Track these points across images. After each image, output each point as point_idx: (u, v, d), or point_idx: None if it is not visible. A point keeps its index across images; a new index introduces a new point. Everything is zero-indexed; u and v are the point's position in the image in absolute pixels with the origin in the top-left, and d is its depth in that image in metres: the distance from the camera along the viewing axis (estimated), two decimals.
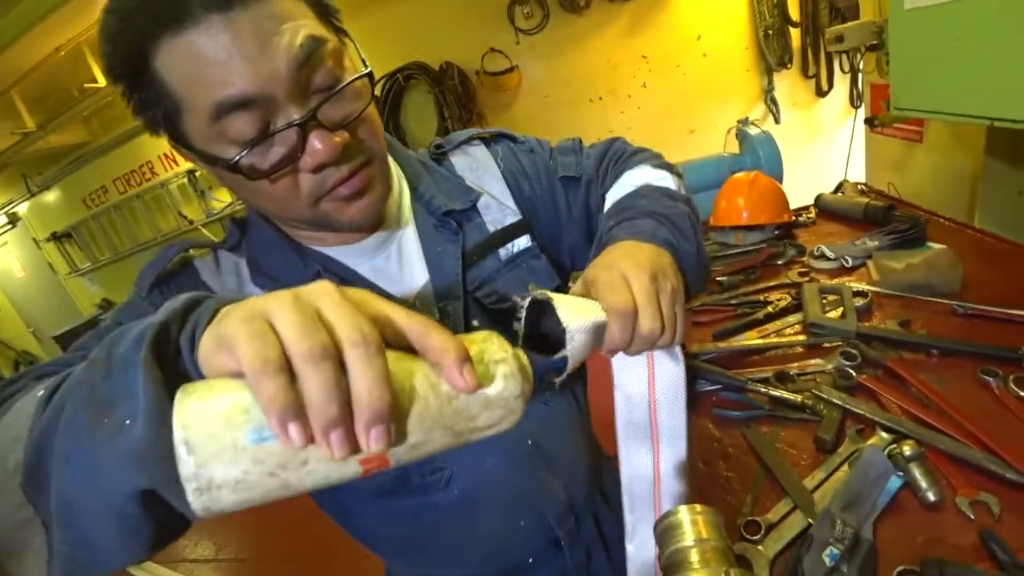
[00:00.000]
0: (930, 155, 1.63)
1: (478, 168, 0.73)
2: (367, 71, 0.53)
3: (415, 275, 0.64)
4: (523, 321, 0.44)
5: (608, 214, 0.65)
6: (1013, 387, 0.83)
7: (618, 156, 0.77)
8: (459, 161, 0.74)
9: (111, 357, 0.33)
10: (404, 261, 0.65)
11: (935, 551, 0.64)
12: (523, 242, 0.71)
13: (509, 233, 0.70)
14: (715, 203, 1.64)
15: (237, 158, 0.47)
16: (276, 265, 0.61)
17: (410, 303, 0.63)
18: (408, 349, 0.33)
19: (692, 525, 0.44)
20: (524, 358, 0.37)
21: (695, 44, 2.80)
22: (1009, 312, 1.00)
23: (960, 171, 1.53)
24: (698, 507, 0.45)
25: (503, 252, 0.69)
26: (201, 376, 0.32)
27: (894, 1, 1.15)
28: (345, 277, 0.61)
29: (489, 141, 0.76)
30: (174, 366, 0.32)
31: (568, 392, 0.76)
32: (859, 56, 2.23)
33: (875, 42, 1.53)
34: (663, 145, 0.80)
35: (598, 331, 0.43)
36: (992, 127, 1.31)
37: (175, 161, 3.77)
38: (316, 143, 0.48)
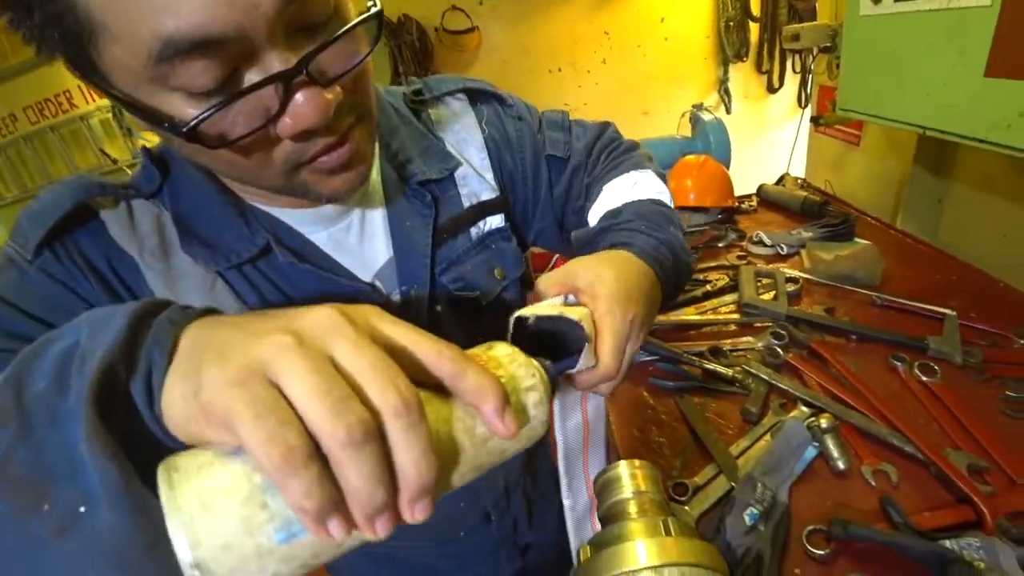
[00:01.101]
0: (865, 158, 1.73)
1: (460, 130, 0.64)
2: (376, 9, 0.40)
3: (376, 250, 0.56)
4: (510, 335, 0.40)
5: (610, 213, 0.62)
6: (917, 372, 0.91)
7: (611, 147, 0.72)
8: (440, 117, 0.64)
9: (23, 404, 0.24)
10: (366, 233, 0.56)
11: (841, 513, 0.70)
12: (496, 221, 0.64)
13: (484, 210, 0.63)
14: None
15: (194, 122, 0.34)
16: (213, 228, 0.49)
17: (368, 285, 0.55)
18: (430, 383, 0.28)
19: (631, 479, 0.45)
20: (545, 374, 0.35)
21: (658, 26, 2.82)
22: (919, 306, 1.09)
23: (890, 175, 1.64)
24: (636, 462, 0.47)
25: (474, 231, 0.62)
26: (166, 436, 0.25)
27: (851, 5, 1.19)
28: (298, 249, 0.52)
29: (476, 98, 0.67)
30: (122, 423, 0.24)
31: None
32: (811, 58, 2.33)
33: (828, 44, 1.59)
34: (617, 123, 0.77)
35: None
36: (922, 137, 1.41)
37: (97, 92, 3.43)
38: (302, 103, 0.37)
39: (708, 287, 1.27)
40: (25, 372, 0.25)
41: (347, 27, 0.38)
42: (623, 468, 0.46)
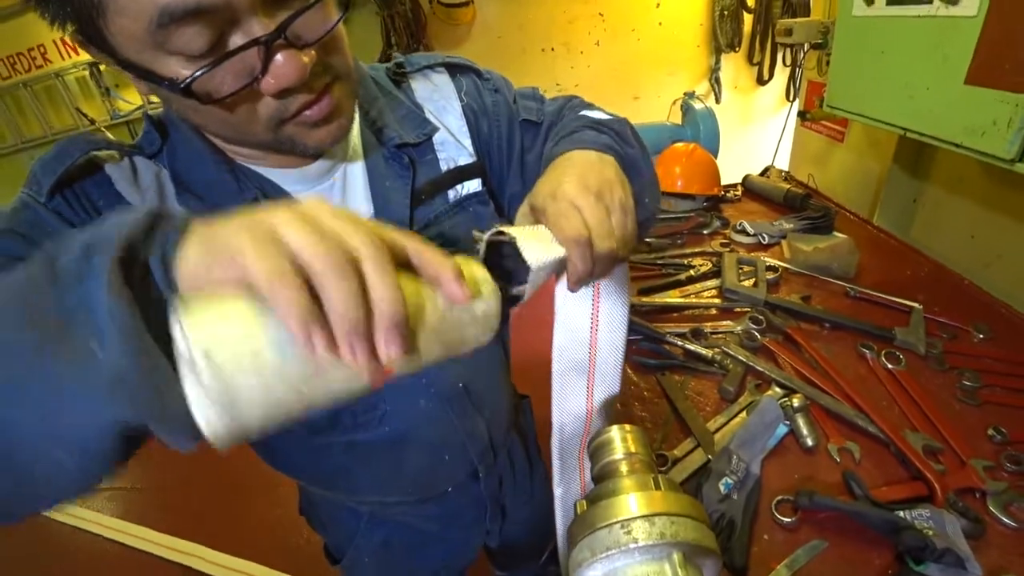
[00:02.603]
0: (847, 154, 1.78)
1: (439, 99, 0.68)
2: None
3: (358, 209, 0.60)
4: (482, 254, 0.44)
5: (551, 136, 0.65)
6: (883, 360, 0.97)
7: (580, 107, 0.74)
8: (420, 87, 0.68)
9: (54, 268, 0.28)
10: (348, 192, 0.60)
11: (807, 486, 0.75)
12: (473, 186, 0.67)
13: (461, 174, 0.66)
14: None
15: (189, 80, 0.40)
16: (205, 184, 0.54)
17: None
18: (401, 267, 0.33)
19: (622, 441, 0.49)
20: (491, 279, 0.39)
21: (653, 11, 2.82)
22: (889, 299, 1.15)
23: (869, 173, 1.69)
24: (627, 426, 0.50)
25: (452, 194, 0.66)
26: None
27: (844, 5, 1.22)
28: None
29: (455, 71, 0.70)
30: (143, 289, 0.28)
31: (497, 336, 0.79)
32: (803, 53, 2.37)
33: (819, 41, 1.62)
34: (607, 106, 0.79)
35: (558, 264, 0.43)
36: (902, 138, 1.46)
37: (75, 49, 3.30)
38: (281, 64, 0.42)
39: (692, 272, 1.31)
40: (55, 251, 0.29)
41: None
42: (615, 432, 0.50)
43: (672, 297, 1.25)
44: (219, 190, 0.53)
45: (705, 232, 1.55)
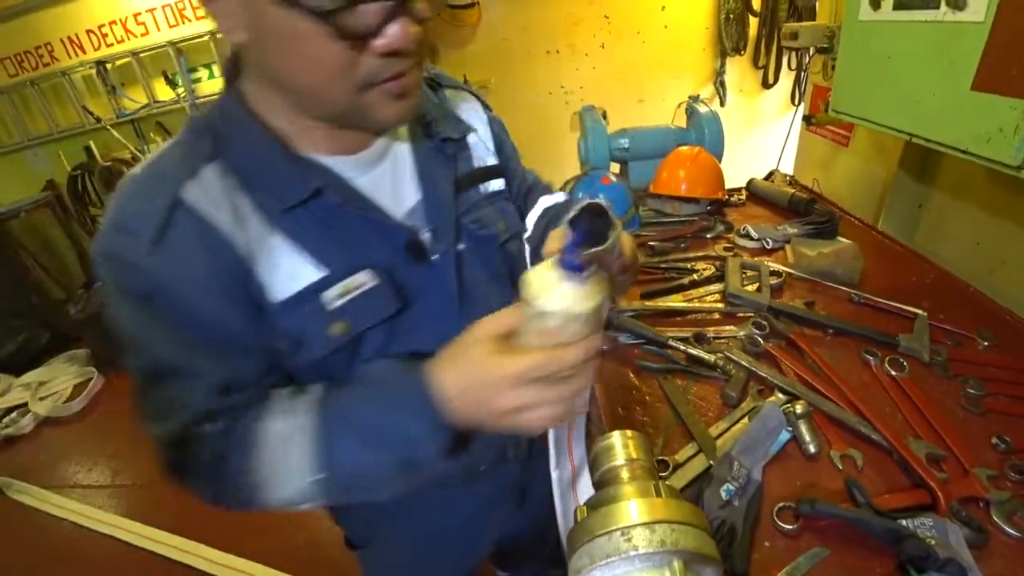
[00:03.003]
0: (853, 159, 1.78)
1: (468, 109, 0.76)
2: None
3: (407, 193, 0.65)
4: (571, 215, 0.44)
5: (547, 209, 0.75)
6: (887, 367, 0.97)
7: (543, 182, 0.88)
8: (452, 96, 0.76)
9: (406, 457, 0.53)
10: (397, 177, 0.65)
11: (809, 493, 0.75)
12: (498, 184, 0.76)
13: (489, 173, 0.75)
14: (657, 172, 1.71)
15: (337, 6, 0.43)
16: (270, 178, 0.56)
17: (403, 224, 0.63)
18: None
19: (624, 447, 0.49)
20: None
21: (659, 14, 2.82)
22: (893, 305, 1.14)
23: (875, 178, 1.69)
24: (629, 432, 0.51)
25: (482, 188, 0.73)
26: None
27: (850, 9, 1.22)
28: (345, 192, 0.59)
29: (476, 94, 0.80)
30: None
31: None
32: (808, 57, 2.36)
33: (825, 45, 1.61)
34: (612, 109, 0.90)
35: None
36: (908, 143, 1.46)
37: (81, 47, 3.32)
38: (398, 27, 0.47)
39: (695, 276, 1.31)
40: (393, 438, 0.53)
41: None
42: (617, 438, 0.50)
43: (675, 301, 1.24)
44: (283, 181, 0.56)
45: (708, 236, 1.55)
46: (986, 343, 1.03)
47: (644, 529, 0.37)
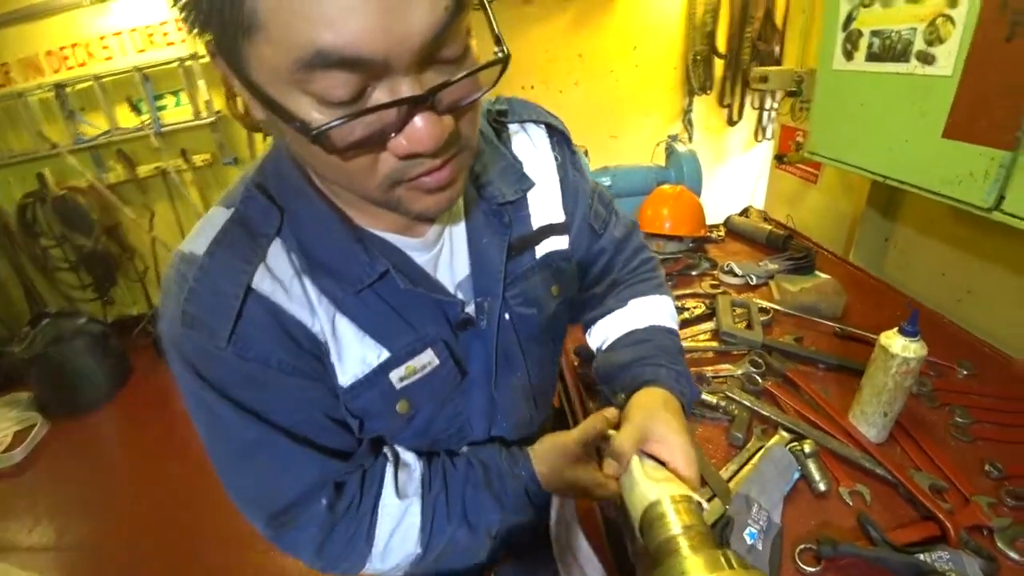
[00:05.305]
0: (821, 196, 1.88)
1: (536, 155, 0.69)
2: (505, 55, 0.41)
3: (459, 266, 0.62)
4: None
5: (656, 347, 0.71)
6: None
7: (642, 256, 0.82)
8: (519, 140, 0.68)
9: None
10: (454, 256, 0.62)
11: (824, 531, 0.76)
12: (560, 242, 0.70)
13: (549, 231, 0.69)
14: (641, 210, 1.75)
15: (324, 127, 0.37)
16: (335, 256, 0.53)
17: (457, 300, 0.61)
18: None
19: (676, 514, 0.46)
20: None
21: (631, 53, 2.93)
22: (875, 338, 1.19)
23: (843, 214, 1.78)
24: (675, 495, 0.48)
25: (539, 250, 0.68)
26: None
27: (824, 59, 1.30)
28: (410, 273, 0.57)
29: (552, 132, 0.71)
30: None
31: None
32: (771, 98, 2.50)
33: (793, 89, 1.71)
34: (586, 145, 0.85)
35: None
36: (876, 181, 1.55)
37: (39, 69, 3.19)
38: (420, 128, 0.39)
39: (686, 314, 1.33)
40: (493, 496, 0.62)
41: (477, 68, 0.41)
42: (666, 504, 0.47)
43: None
44: (349, 262, 0.54)
45: (694, 273, 1.59)
46: (965, 372, 1.09)
47: None
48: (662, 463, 0.56)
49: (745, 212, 1.96)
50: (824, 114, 1.36)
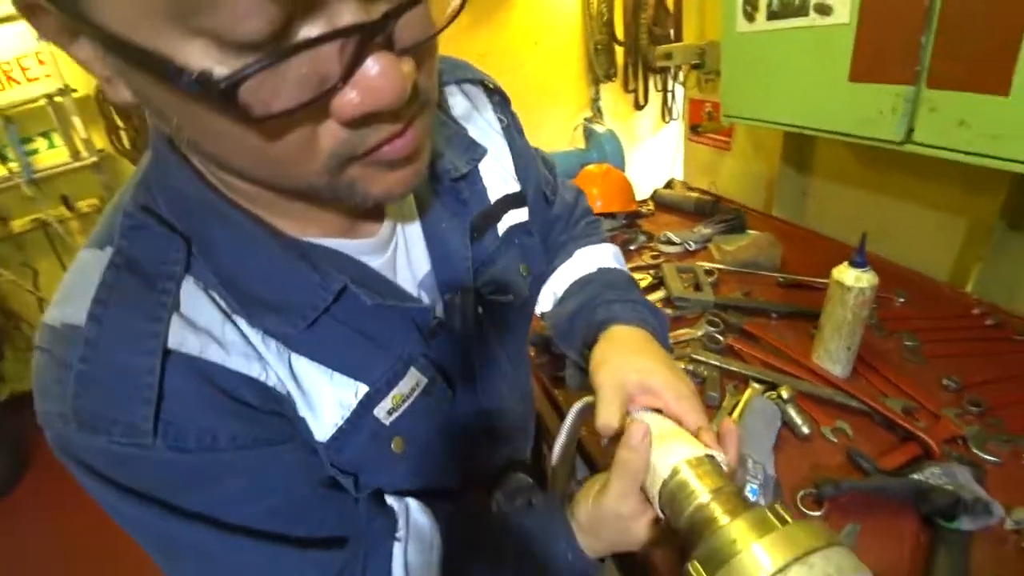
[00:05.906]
0: (736, 161, 1.95)
1: (479, 119, 0.58)
2: None
3: (418, 262, 0.52)
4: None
5: (603, 284, 0.65)
6: None
7: (587, 215, 0.78)
8: (457, 102, 0.57)
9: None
10: (409, 246, 0.51)
11: (817, 473, 0.76)
12: (520, 215, 0.61)
13: (508, 203, 0.59)
14: None
15: (235, 77, 0.25)
16: (273, 284, 0.40)
17: (423, 305, 0.50)
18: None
19: (698, 479, 0.41)
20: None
21: (533, 48, 2.95)
22: (816, 281, 1.23)
23: (758, 174, 1.86)
24: (692, 460, 0.43)
25: (500, 227, 0.59)
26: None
27: (727, 24, 1.34)
28: (373, 286, 0.45)
29: (491, 93, 0.61)
30: None
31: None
32: (671, 79, 2.59)
33: (697, 62, 1.77)
34: None
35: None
36: (787, 139, 1.62)
37: None
38: (376, 73, 0.28)
39: None
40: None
41: None
42: (686, 471, 0.42)
43: None
44: (295, 287, 0.41)
45: (632, 248, 1.59)
46: (902, 300, 1.14)
47: (800, 567, 0.32)
48: (658, 411, 0.50)
49: (669, 184, 2.01)
50: (734, 77, 1.41)
